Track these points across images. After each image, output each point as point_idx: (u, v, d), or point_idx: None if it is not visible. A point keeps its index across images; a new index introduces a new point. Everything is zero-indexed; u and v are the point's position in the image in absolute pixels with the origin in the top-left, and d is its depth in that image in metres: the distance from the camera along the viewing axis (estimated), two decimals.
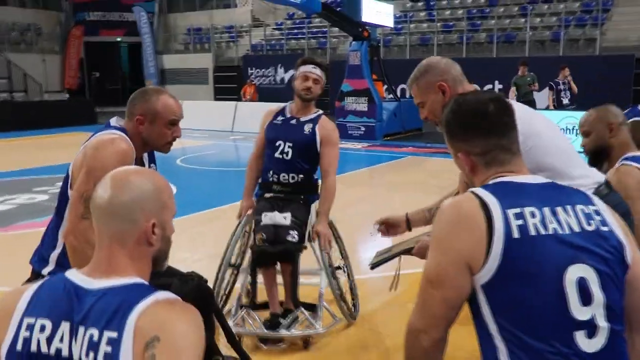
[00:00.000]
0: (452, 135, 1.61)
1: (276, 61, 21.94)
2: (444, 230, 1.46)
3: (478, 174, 1.57)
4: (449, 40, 19.26)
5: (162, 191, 1.39)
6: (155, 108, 2.30)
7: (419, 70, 2.28)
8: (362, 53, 13.66)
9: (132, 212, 1.32)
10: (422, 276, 1.51)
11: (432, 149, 12.27)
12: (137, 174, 1.39)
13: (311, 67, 3.43)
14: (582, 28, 17.07)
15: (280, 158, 3.45)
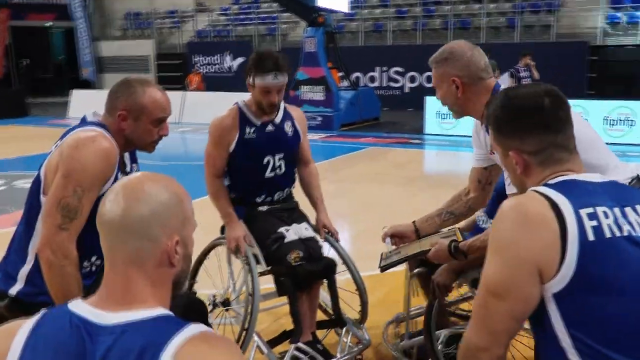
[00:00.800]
0: (502, 133, 1.49)
1: (223, 48, 21.49)
2: (508, 235, 1.33)
3: (532, 175, 1.46)
4: (403, 27, 19.34)
5: (183, 201, 1.23)
6: (142, 103, 2.09)
7: (442, 54, 2.16)
8: (317, 40, 13.46)
9: (152, 228, 1.16)
10: (481, 288, 1.39)
11: (392, 139, 12.26)
12: (152, 181, 1.21)
13: (271, 77, 2.79)
14: (536, 14, 17.47)
15: (273, 176, 3.01)
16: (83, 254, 2.05)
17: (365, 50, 18.84)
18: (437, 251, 2.25)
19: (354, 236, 5.43)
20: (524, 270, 1.30)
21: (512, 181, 1.56)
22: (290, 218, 3.05)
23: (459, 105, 2.16)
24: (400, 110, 17.15)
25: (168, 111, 2.16)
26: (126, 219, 1.15)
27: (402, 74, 18.37)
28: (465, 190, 2.47)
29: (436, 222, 2.46)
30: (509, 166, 1.51)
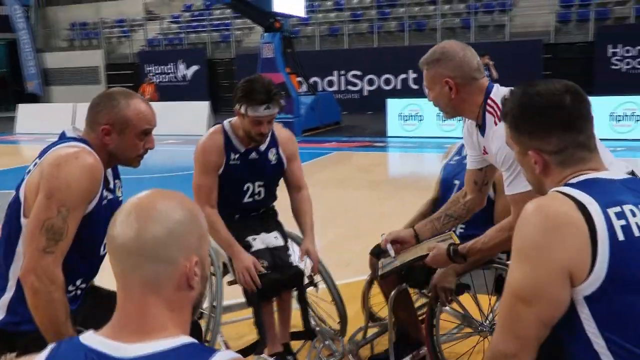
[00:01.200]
0: (520, 131, 1.46)
1: (176, 57, 21.20)
2: (535, 239, 1.31)
3: (551, 174, 1.44)
4: (359, 30, 19.50)
5: (198, 218, 1.16)
6: (125, 115, 2.01)
7: (433, 55, 2.13)
8: (275, 45, 13.42)
9: (169, 250, 1.09)
10: (507, 293, 1.37)
11: (355, 142, 12.32)
12: (165, 198, 1.15)
13: (263, 109, 2.70)
14: (490, 14, 17.90)
15: (251, 201, 2.97)
16: (68, 278, 1.94)
17: (322, 55, 18.90)
18: (435, 255, 2.24)
19: (326, 244, 5.38)
20: (554, 274, 1.28)
21: (529, 180, 1.54)
22: (262, 227, 3.00)
23: (452, 106, 2.14)
24: (360, 113, 17.27)
25: (153, 123, 2.09)
26: (141, 241, 1.08)
27: (360, 77, 18.50)
28: (463, 192, 2.47)
29: (435, 226, 2.45)
30: (526, 165, 1.49)
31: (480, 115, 2.12)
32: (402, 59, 17.71)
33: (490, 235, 2.10)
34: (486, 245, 2.10)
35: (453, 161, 3.02)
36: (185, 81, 20.91)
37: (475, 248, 2.13)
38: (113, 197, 2.14)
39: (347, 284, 4.44)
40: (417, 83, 17.68)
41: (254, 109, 2.70)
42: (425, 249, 2.34)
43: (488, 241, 2.09)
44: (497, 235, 2.07)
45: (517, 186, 1.97)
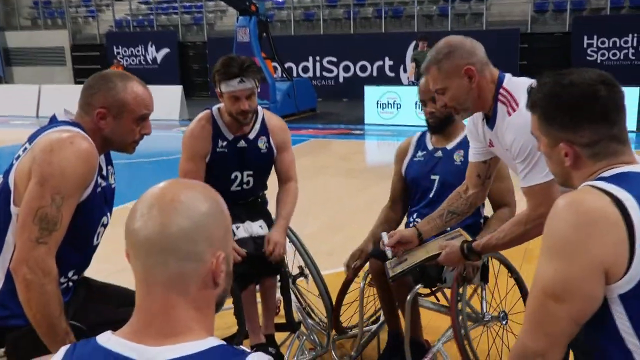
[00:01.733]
0: (551, 123, 1.43)
1: (145, 39, 20.77)
2: (568, 234, 1.28)
3: (582, 167, 1.42)
4: (335, 16, 19.37)
5: (223, 210, 1.11)
6: (123, 99, 1.94)
7: (440, 51, 2.06)
8: (250, 29, 13.23)
9: (197, 245, 1.03)
10: (536, 290, 1.34)
11: (332, 130, 12.27)
12: (188, 188, 1.08)
13: (237, 82, 2.65)
14: (467, 2, 17.96)
15: (239, 190, 2.93)
16: (59, 270, 1.87)
17: (297, 40, 18.74)
18: (448, 254, 2.21)
19: (308, 234, 5.31)
20: (588, 271, 1.26)
21: (555, 173, 1.51)
22: (248, 215, 2.94)
23: (471, 99, 2.06)
24: (335, 100, 17.21)
25: (151, 108, 2.03)
26: (166, 235, 1.01)
27: (335, 63, 18.41)
28: (464, 187, 2.42)
29: (438, 224, 2.42)
30: (554, 157, 1.46)
31: (491, 105, 2.08)
32: (379, 46, 17.70)
33: (506, 230, 2.06)
34: (502, 241, 2.08)
35: (418, 157, 2.94)
36: (156, 64, 20.52)
37: (490, 244, 2.11)
38: (106, 184, 2.06)
39: (332, 274, 4.43)
40: (393, 70, 17.70)
41: (227, 85, 2.67)
42: (436, 248, 2.30)
43: (504, 236, 2.06)
44: (513, 229, 2.04)
45: (534, 178, 1.95)
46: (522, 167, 1.98)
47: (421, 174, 2.89)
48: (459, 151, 2.82)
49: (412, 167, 2.96)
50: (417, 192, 2.92)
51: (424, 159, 2.91)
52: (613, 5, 16.45)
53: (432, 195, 2.84)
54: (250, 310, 2.90)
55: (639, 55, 15.53)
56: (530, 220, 1.99)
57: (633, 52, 15.55)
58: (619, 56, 15.66)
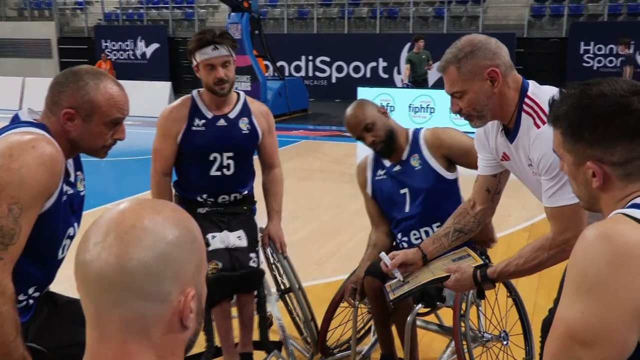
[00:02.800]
0: (578, 139, 1.27)
1: (135, 33, 20.52)
2: (601, 272, 1.12)
3: (611, 189, 1.25)
4: (329, 15, 19.23)
5: (197, 238, 0.94)
6: (94, 99, 1.76)
7: (461, 49, 1.87)
8: (242, 26, 13.02)
9: (162, 282, 0.87)
10: (561, 330, 1.18)
11: (324, 131, 12.10)
12: (153, 212, 0.91)
13: (211, 49, 2.63)
14: (464, 5, 17.88)
15: (219, 175, 2.77)
16: (18, 286, 1.68)
17: (289, 38, 18.57)
18: (459, 280, 2.03)
19: (297, 241, 5.16)
20: (622, 315, 1.11)
21: (579, 194, 1.34)
22: (228, 224, 2.80)
23: (491, 105, 1.88)
24: (328, 101, 17.05)
25: (126, 111, 1.84)
26: (124, 270, 0.85)
27: (328, 63, 18.26)
28: (470, 202, 2.25)
29: (444, 244, 2.24)
30: (579, 177, 1.30)
31: (513, 115, 1.90)
32: (373, 47, 17.57)
33: (526, 256, 1.88)
34: (521, 267, 1.89)
35: (380, 177, 2.81)
36: (145, 59, 20.27)
37: (507, 271, 1.93)
38: (74, 191, 1.87)
39: (321, 285, 4.26)
40: (387, 72, 17.57)
41: (201, 53, 2.64)
42: (442, 270, 2.12)
43: (524, 262, 1.88)
44: (534, 255, 1.86)
45: (563, 198, 1.77)
46: (550, 184, 1.81)
47: (390, 192, 2.78)
48: (413, 156, 2.73)
49: (378, 187, 2.83)
50: (392, 210, 2.79)
51: (387, 177, 2.80)
52: (610, 12, 16.43)
53: (407, 210, 2.72)
54: (223, 325, 2.73)
55: (636, 63, 15.49)
56: (554, 246, 1.82)
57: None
58: (615, 63, 15.61)
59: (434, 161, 2.68)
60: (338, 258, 4.88)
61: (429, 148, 2.70)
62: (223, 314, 2.73)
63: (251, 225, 2.88)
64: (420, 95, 12.11)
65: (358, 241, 5.22)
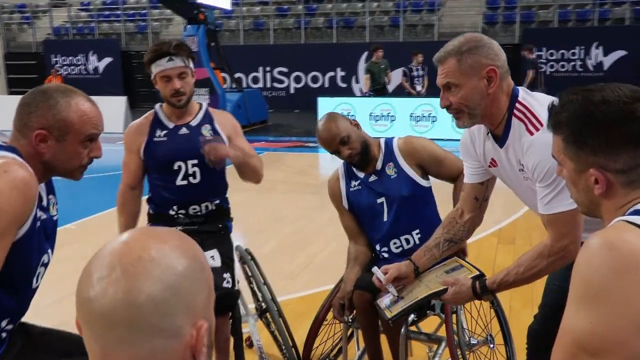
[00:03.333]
0: (581, 145, 1.27)
1: (86, 47, 20.12)
2: (607, 281, 1.12)
3: (614, 197, 1.26)
4: (286, 25, 19.26)
5: (205, 267, 0.90)
6: (67, 118, 1.69)
7: (465, 43, 1.84)
8: (199, 38, 12.92)
9: (173, 317, 0.82)
10: (567, 340, 1.18)
11: (286, 142, 12.07)
12: (159, 242, 0.86)
13: (166, 61, 2.63)
14: (419, 14, 18.17)
15: (186, 184, 2.73)
16: None
17: (246, 50, 18.50)
18: (458, 293, 2.00)
19: (267, 255, 5.09)
20: (631, 323, 1.10)
21: (580, 201, 1.34)
22: (202, 243, 2.71)
23: (483, 106, 1.86)
24: (287, 111, 17.04)
25: (101, 127, 1.78)
26: (133, 305, 0.80)
27: (286, 74, 18.26)
28: (458, 211, 2.23)
29: (435, 254, 2.22)
30: (580, 185, 1.30)
31: (503, 120, 1.89)
32: (330, 57, 17.66)
33: (525, 264, 1.87)
34: (521, 276, 1.88)
35: (355, 188, 2.78)
36: (98, 74, 19.88)
37: (507, 281, 1.91)
38: (47, 216, 1.79)
39: (295, 299, 4.20)
40: (346, 81, 17.68)
41: (157, 65, 2.66)
42: (437, 283, 2.08)
43: (523, 272, 1.87)
44: (534, 264, 1.85)
45: (560, 204, 1.77)
46: (547, 191, 1.80)
47: (367, 202, 2.75)
48: (388, 165, 2.72)
49: (354, 199, 2.78)
50: (370, 220, 2.76)
51: (362, 187, 2.76)
52: (561, 18, 16.96)
53: (386, 218, 2.70)
54: None
55: (586, 67, 16.03)
56: (553, 253, 1.82)
57: (580, 64, 16.04)
58: (567, 68, 16.12)
59: (409, 169, 2.68)
60: (310, 270, 4.84)
61: (404, 156, 2.70)
62: None
63: (226, 244, 2.82)
64: (380, 104, 12.22)
65: (329, 252, 5.19)
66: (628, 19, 16.53)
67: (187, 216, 2.77)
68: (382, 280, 2.14)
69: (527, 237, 5.16)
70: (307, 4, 19.39)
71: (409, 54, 12.46)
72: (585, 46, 15.94)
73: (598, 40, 15.82)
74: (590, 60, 15.97)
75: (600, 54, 15.84)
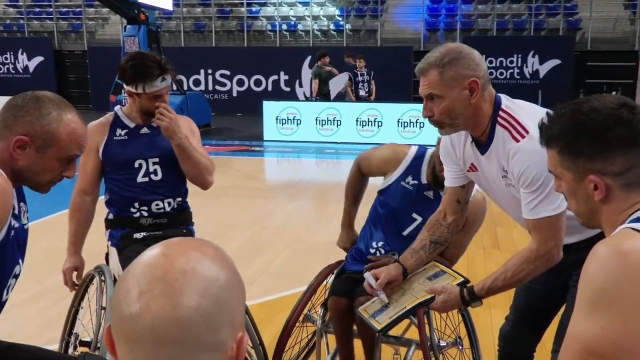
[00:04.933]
0: (577, 154, 1.33)
1: (15, 46, 19.32)
2: (613, 288, 1.17)
3: (614, 200, 1.32)
4: (228, 28, 19.11)
5: (240, 278, 0.88)
6: (55, 132, 1.65)
7: (447, 54, 1.86)
8: (140, 39, 12.62)
9: (219, 331, 0.81)
10: (577, 346, 1.21)
11: (230, 146, 11.96)
12: (198, 253, 0.84)
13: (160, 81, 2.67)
14: (362, 19, 18.42)
15: (147, 181, 2.76)
16: None
17: (187, 52, 18.23)
18: (446, 301, 2.01)
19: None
20: (637, 328, 1.15)
21: (579, 211, 1.39)
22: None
23: (466, 115, 1.90)
24: (229, 115, 16.90)
25: (84, 149, 1.75)
26: (181, 321, 0.77)
27: (229, 77, 18.11)
28: (441, 214, 2.26)
29: (422, 256, 2.24)
30: (580, 194, 1.35)
31: (487, 128, 1.94)
32: (274, 60, 17.64)
33: (512, 269, 1.92)
34: (509, 281, 1.93)
35: (409, 186, 2.74)
36: (28, 74, 19.11)
37: (495, 287, 1.94)
38: (19, 225, 1.72)
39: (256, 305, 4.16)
40: (289, 85, 17.69)
41: (151, 85, 2.65)
42: (422, 291, 2.08)
43: (511, 276, 1.92)
44: (521, 268, 1.90)
45: (545, 209, 1.83)
46: (532, 197, 1.85)
47: (403, 206, 2.69)
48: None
49: (390, 191, 2.73)
50: (390, 220, 2.72)
51: (414, 189, 2.68)
52: (498, 27, 17.58)
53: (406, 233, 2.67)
54: None
55: (523, 75, 16.66)
56: (539, 257, 1.88)
57: (518, 71, 16.65)
58: (505, 75, 16.70)
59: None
60: (267, 277, 4.81)
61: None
62: None
63: None
64: (326, 108, 12.30)
65: (285, 258, 5.18)
66: (562, 29, 17.31)
67: (150, 215, 2.77)
68: (374, 286, 2.15)
69: (511, 244, 5.29)
70: (249, 6, 19.31)
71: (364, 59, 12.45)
72: (522, 55, 16.58)
73: (534, 49, 16.48)
74: (527, 69, 16.61)
75: (537, 62, 16.51)
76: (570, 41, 16.70)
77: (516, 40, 17.19)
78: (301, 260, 5.01)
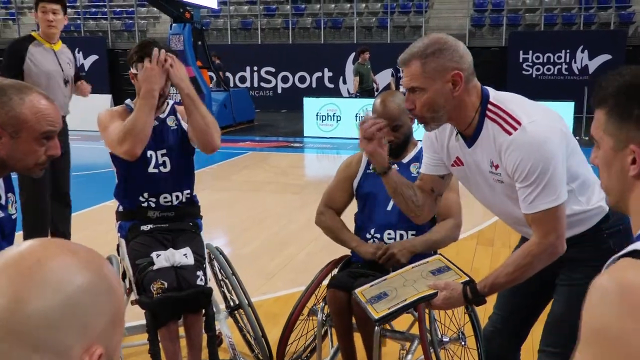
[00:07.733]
0: (626, 118, 1.20)
1: (73, 45, 19.56)
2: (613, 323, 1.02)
3: None
4: (273, 25, 19.24)
5: (115, 289, 0.83)
6: (20, 115, 1.67)
7: (429, 45, 1.80)
8: (185, 37, 12.85)
9: (61, 332, 0.75)
10: None
11: (271, 142, 12.05)
12: (62, 253, 0.80)
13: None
14: (406, 15, 18.22)
15: (157, 172, 2.81)
16: None
17: (233, 49, 18.46)
18: (449, 298, 1.92)
19: (248, 255, 5.08)
20: None
21: (610, 187, 1.26)
22: (173, 242, 2.77)
23: (448, 109, 1.84)
24: (274, 111, 17.03)
25: (57, 124, 1.75)
26: (15, 315, 0.73)
27: (274, 74, 18.24)
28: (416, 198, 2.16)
29: (404, 181, 2.14)
30: (615, 165, 1.23)
31: (474, 122, 1.87)
32: (318, 57, 17.67)
33: (515, 264, 1.85)
34: (511, 276, 1.86)
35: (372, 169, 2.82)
36: (83, 71, 19.71)
37: (499, 283, 1.88)
38: (4, 215, 1.77)
39: (272, 299, 4.19)
40: (333, 82, 17.68)
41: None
42: (425, 286, 1.98)
43: (513, 271, 1.85)
44: (524, 262, 1.83)
45: (543, 202, 1.76)
46: (529, 191, 1.78)
47: (378, 187, 2.65)
48: (414, 164, 2.73)
49: (367, 181, 2.78)
50: (374, 205, 2.76)
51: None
52: (546, 22, 17.07)
53: (390, 208, 2.70)
54: (170, 348, 2.65)
55: (571, 71, 16.14)
56: (542, 250, 1.81)
57: (566, 67, 16.14)
58: (552, 71, 16.23)
59: None
60: (288, 271, 4.83)
61: None
62: (170, 336, 2.64)
63: (197, 242, 2.84)
64: (366, 105, 12.23)
65: (308, 252, 5.19)
66: (613, 23, 16.67)
67: (157, 207, 2.81)
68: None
69: (506, 240, 5.17)
70: (295, 4, 19.39)
71: (396, 55, 12.41)
72: (570, 50, 16.06)
73: (583, 44, 15.94)
74: (575, 64, 16.08)
75: (586, 57, 15.96)
76: (622, 35, 16.06)
77: (565, 35, 16.65)
78: (324, 256, 4.98)
